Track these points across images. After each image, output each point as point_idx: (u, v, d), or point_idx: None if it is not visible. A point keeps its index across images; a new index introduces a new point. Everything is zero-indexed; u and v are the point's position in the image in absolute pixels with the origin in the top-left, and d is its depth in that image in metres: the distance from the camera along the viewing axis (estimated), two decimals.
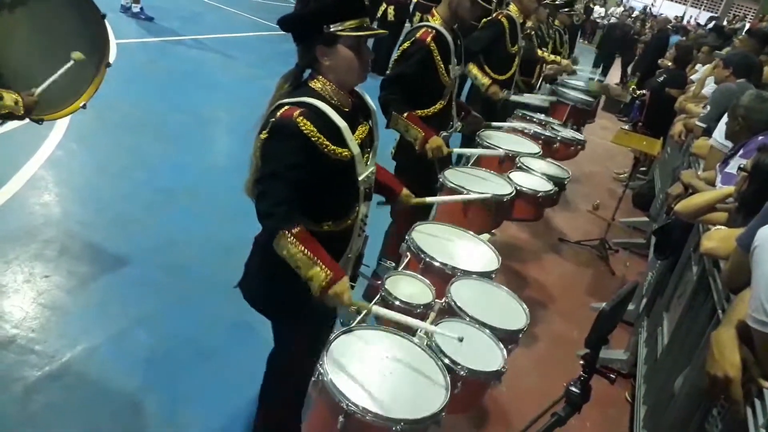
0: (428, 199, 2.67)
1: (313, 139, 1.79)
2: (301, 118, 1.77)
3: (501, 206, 2.97)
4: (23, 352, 2.63)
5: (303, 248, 1.75)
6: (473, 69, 4.18)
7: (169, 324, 3.01)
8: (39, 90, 2.25)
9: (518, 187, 3.11)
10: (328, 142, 1.81)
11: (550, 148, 4.23)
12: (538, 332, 3.79)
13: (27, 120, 2.36)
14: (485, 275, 2.35)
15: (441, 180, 3.03)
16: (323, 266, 1.76)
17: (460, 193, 2.90)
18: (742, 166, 2.46)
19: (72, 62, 2.40)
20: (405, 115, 3.04)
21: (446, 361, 1.79)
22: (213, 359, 2.87)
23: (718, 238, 2.36)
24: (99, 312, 2.98)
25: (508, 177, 3.21)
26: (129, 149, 4.69)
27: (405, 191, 2.41)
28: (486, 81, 4.18)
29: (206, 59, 7.63)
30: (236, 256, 2.20)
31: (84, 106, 2.55)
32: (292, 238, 1.74)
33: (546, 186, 3.26)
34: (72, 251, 3.34)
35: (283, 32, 1.92)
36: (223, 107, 6.28)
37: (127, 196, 4.02)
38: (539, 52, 5.12)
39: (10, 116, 2.14)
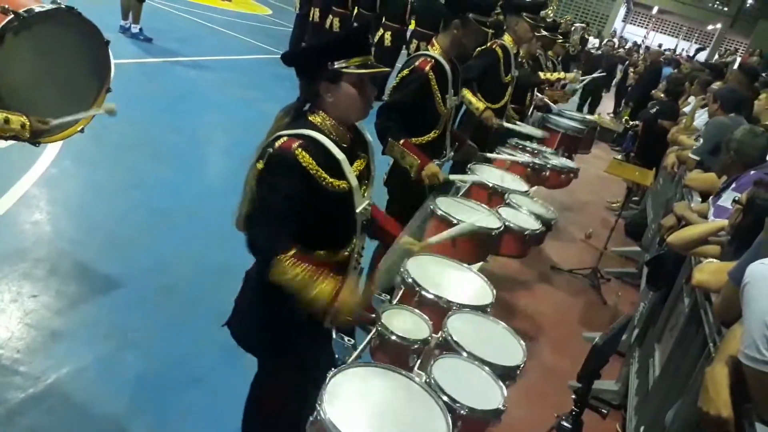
0: (431, 240, 2.64)
1: (312, 171, 1.79)
2: (299, 150, 1.77)
3: (488, 240, 2.97)
4: (7, 374, 2.58)
5: (302, 266, 1.73)
6: (467, 94, 4.21)
7: (159, 346, 2.98)
8: (56, 122, 2.26)
9: (507, 223, 3.11)
10: (326, 175, 1.82)
11: (540, 176, 4.24)
12: (528, 362, 3.72)
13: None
14: (480, 309, 2.33)
15: (431, 207, 3.02)
16: (325, 278, 1.76)
17: (450, 221, 2.90)
18: (737, 198, 2.48)
19: (101, 112, 2.44)
20: (401, 142, 3.06)
21: (445, 398, 1.75)
22: (203, 382, 2.83)
23: (709, 271, 2.37)
24: (87, 333, 2.94)
25: (497, 212, 3.21)
26: (124, 169, 4.68)
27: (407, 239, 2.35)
28: (480, 105, 4.21)
29: (203, 81, 7.67)
30: (229, 278, 2.18)
31: (82, 130, 2.55)
32: (289, 259, 1.73)
33: (534, 225, 3.26)
34: (62, 271, 3.31)
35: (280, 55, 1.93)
36: (220, 129, 6.30)
37: (120, 216, 4.00)
38: (541, 74, 5.17)
39: (15, 138, 2.14)
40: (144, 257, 3.63)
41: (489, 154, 3.99)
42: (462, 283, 2.52)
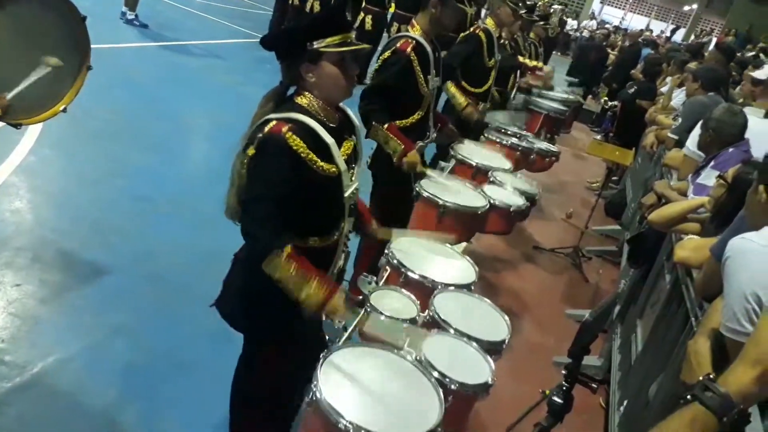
0: (395, 231, 2.63)
1: (302, 155, 1.78)
2: (290, 134, 1.76)
3: (475, 219, 3.01)
4: None
5: (296, 266, 1.73)
6: (451, 87, 4.22)
7: (147, 334, 2.96)
8: (11, 94, 2.20)
9: (492, 201, 3.15)
10: (316, 158, 1.81)
11: (526, 160, 4.28)
12: (513, 339, 3.79)
13: (2, 124, 2.31)
14: (464, 287, 2.38)
15: (417, 189, 3.05)
16: (318, 282, 1.75)
17: (436, 202, 2.94)
18: (722, 174, 2.52)
19: (49, 68, 2.37)
20: (385, 126, 3.05)
21: (436, 374, 1.80)
22: (192, 370, 2.83)
23: (691, 247, 2.42)
24: (73, 322, 2.92)
25: (482, 190, 3.25)
26: (106, 155, 4.61)
27: (374, 225, 2.37)
28: (463, 101, 4.21)
29: (183, 65, 7.56)
30: (215, 265, 2.17)
31: (64, 110, 2.50)
32: (285, 257, 1.73)
33: (518, 201, 3.31)
34: (45, 259, 3.27)
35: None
36: (202, 114, 6.23)
37: (104, 204, 3.95)
38: (520, 58, 5.19)
39: None
40: (128, 245, 3.59)
41: (467, 141, 4.00)
42: (445, 263, 2.56)
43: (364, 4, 8.48)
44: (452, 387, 1.79)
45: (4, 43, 2.25)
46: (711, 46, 12.52)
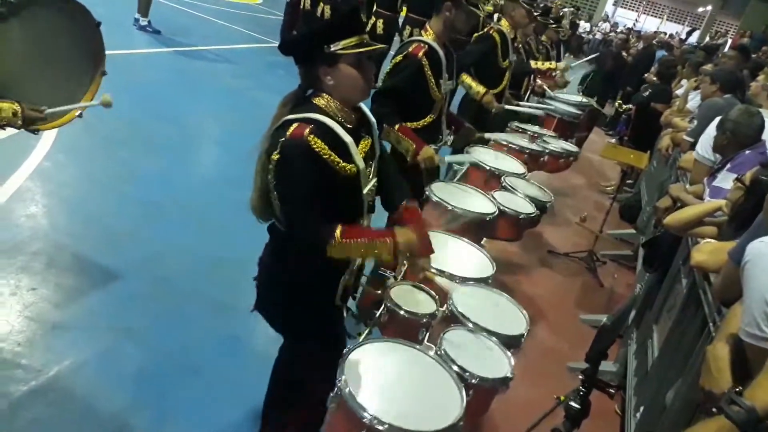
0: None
1: (324, 156, 1.81)
2: (312, 136, 1.79)
3: (483, 225, 3.01)
4: (9, 367, 2.58)
5: (356, 241, 1.82)
6: (467, 79, 4.20)
7: (158, 338, 2.97)
8: (50, 111, 2.25)
9: (501, 208, 3.14)
10: (338, 159, 1.84)
11: (539, 162, 4.25)
12: (527, 344, 3.77)
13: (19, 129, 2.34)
14: (482, 281, 2.39)
15: (427, 193, 3.05)
16: (380, 240, 1.86)
17: (445, 206, 2.96)
18: (740, 176, 2.48)
19: (97, 103, 2.44)
20: (396, 127, 3.06)
21: (455, 368, 1.82)
22: (202, 373, 2.84)
23: (708, 251, 2.39)
24: (86, 326, 2.94)
25: (492, 196, 3.24)
26: (117, 161, 4.65)
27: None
28: (481, 90, 4.20)
29: (194, 71, 7.61)
30: (225, 268, 2.18)
31: (80, 115, 2.53)
32: (340, 241, 1.81)
33: (528, 208, 3.30)
34: (59, 264, 3.30)
35: (272, 44, 1.93)
36: (212, 119, 6.26)
37: (115, 209, 3.98)
38: (532, 63, 5.18)
39: (9, 125, 2.13)
40: (139, 249, 3.61)
41: (487, 134, 3.99)
42: (462, 257, 2.58)
43: (375, 8, 8.52)
44: (472, 381, 1.81)
45: (19, 49, 2.28)
46: (726, 48, 12.40)
